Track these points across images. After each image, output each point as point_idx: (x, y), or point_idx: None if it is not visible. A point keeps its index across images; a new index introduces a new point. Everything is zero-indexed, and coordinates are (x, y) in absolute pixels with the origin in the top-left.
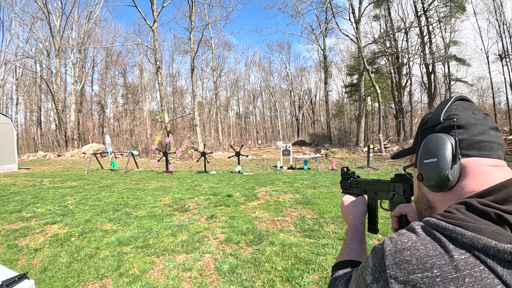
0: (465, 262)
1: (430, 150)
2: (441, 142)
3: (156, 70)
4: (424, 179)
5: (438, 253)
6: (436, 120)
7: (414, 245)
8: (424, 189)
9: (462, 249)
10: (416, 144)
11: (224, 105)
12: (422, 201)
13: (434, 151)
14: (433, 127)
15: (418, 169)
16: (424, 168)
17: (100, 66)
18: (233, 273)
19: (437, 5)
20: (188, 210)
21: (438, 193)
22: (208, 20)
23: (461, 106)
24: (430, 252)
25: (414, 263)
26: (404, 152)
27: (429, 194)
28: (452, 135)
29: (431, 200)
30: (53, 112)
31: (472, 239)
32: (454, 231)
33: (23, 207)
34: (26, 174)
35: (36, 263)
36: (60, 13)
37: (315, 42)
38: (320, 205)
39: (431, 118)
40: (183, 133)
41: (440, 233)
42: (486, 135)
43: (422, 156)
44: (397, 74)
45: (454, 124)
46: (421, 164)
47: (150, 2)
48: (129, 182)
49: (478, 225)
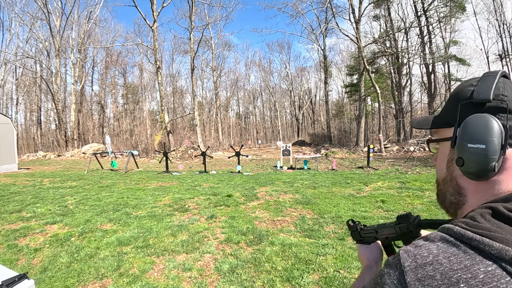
0: (492, 274)
1: (477, 133)
2: (491, 127)
3: (156, 70)
4: (465, 165)
5: (463, 266)
6: (484, 98)
7: (436, 259)
8: (456, 172)
9: (489, 260)
10: (451, 118)
11: (224, 105)
12: (451, 185)
13: (483, 136)
14: (479, 104)
15: (458, 151)
16: (468, 154)
17: (100, 66)
18: (233, 273)
19: (437, 5)
20: (188, 210)
21: (473, 181)
22: (208, 20)
23: (508, 86)
24: (454, 265)
25: (439, 278)
26: (436, 121)
27: (461, 179)
28: (501, 120)
29: (462, 186)
30: (53, 112)
31: (500, 251)
32: (481, 242)
33: (23, 207)
34: (26, 174)
35: (36, 263)
36: (60, 13)
37: (315, 42)
38: (320, 205)
39: (477, 93)
40: (183, 133)
41: (466, 244)
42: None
43: (466, 138)
44: (397, 74)
45: (505, 106)
46: (464, 148)
47: (150, 2)
48: (129, 182)
49: (505, 235)
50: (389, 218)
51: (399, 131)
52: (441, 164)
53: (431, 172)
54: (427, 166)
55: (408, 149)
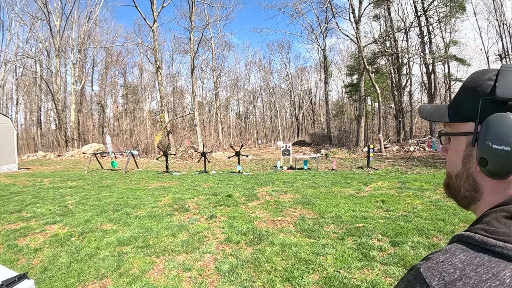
0: None
1: (503, 134)
2: None
3: (156, 70)
4: (488, 165)
5: (491, 275)
6: (509, 95)
7: (464, 273)
8: (473, 169)
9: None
10: (469, 113)
11: (224, 105)
12: (467, 181)
13: (509, 138)
14: (502, 103)
15: (481, 151)
16: (492, 155)
17: (100, 66)
18: (233, 273)
19: (437, 5)
20: (188, 210)
21: (491, 179)
22: (208, 20)
23: None
24: (483, 276)
25: None
26: (453, 115)
27: (479, 176)
28: None
29: (479, 183)
30: (53, 112)
31: None
32: (505, 248)
33: (23, 207)
34: (26, 174)
35: (36, 263)
36: (60, 13)
37: (315, 42)
38: (320, 205)
39: (502, 91)
40: (183, 133)
41: (489, 252)
42: None
43: (489, 138)
44: (397, 74)
45: None
46: (488, 148)
47: (150, 2)
48: (129, 182)
49: None
50: (389, 218)
51: (399, 131)
52: (456, 159)
53: (431, 172)
54: (427, 166)
55: (408, 149)
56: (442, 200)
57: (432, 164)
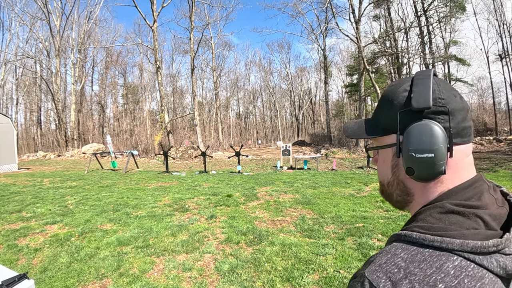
0: (460, 267)
1: (424, 143)
2: (436, 135)
3: (156, 70)
4: (415, 173)
5: (435, 268)
6: (425, 106)
7: (408, 271)
8: (402, 176)
9: (453, 256)
10: (389, 126)
11: (224, 105)
12: (398, 187)
13: (430, 145)
14: (419, 112)
15: (406, 161)
16: (417, 164)
17: (100, 66)
18: (233, 273)
19: (437, 5)
20: (188, 210)
21: (419, 182)
22: (208, 20)
23: (442, 87)
24: (427, 271)
25: (417, 287)
26: (373, 130)
27: (408, 182)
28: (441, 123)
29: (409, 187)
30: (53, 112)
31: (461, 245)
32: (443, 242)
33: (23, 207)
34: (26, 174)
35: (36, 263)
36: (60, 13)
37: (315, 42)
38: (320, 205)
39: (417, 101)
40: (183, 133)
41: (429, 247)
42: (467, 120)
43: (412, 149)
44: (397, 74)
45: (446, 111)
46: (412, 158)
47: (150, 2)
48: (129, 182)
49: (461, 230)
50: (389, 218)
51: None
52: (385, 169)
53: None
54: None
55: None
56: None
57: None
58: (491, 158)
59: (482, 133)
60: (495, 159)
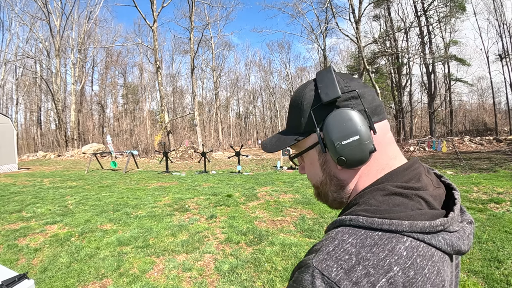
0: (411, 247)
1: (346, 128)
2: (354, 118)
3: (156, 70)
4: (348, 161)
5: (387, 252)
6: (335, 95)
7: (360, 256)
8: (333, 170)
9: (403, 237)
10: (306, 127)
11: (224, 105)
12: (332, 183)
13: (353, 128)
14: (330, 104)
15: (335, 153)
16: (346, 150)
17: (100, 66)
18: (233, 273)
19: (437, 5)
20: (188, 210)
21: (351, 170)
22: (208, 20)
23: (344, 77)
24: (380, 255)
25: (373, 272)
26: (292, 137)
27: (340, 173)
28: (355, 107)
29: (343, 179)
30: (53, 112)
31: (410, 226)
32: (392, 224)
33: (23, 207)
34: (26, 174)
35: (36, 263)
36: (60, 13)
37: (315, 42)
38: (320, 205)
39: (326, 94)
40: (183, 133)
41: (378, 230)
42: (376, 100)
43: (336, 137)
44: (397, 74)
45: (356, 95)
46: (340, 147)
47: (150, 2)
48: (129, 182)
49: (407, 212)
50: None
51: (399, 131)
52: (315, 170)
53: None
54: None
55: (408, 149)
56: None
57: (432, 164)
58: (491, 158)
59: (482, 133)
60: (495, 159)
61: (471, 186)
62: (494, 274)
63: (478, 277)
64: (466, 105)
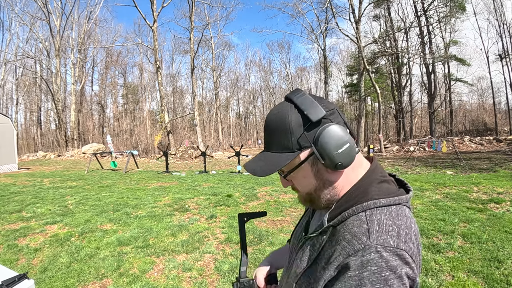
0: (408, 212)
1: (338, 140)
2: (341, 130)
3: (156, 70)
4: (344, 165)
5: (405, 217)
6: (321, 114)
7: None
8: (326, 176)
9: (403, 206)
10: (301, 145)
11: (224, 105)
12: (325, 186)
13: (344, 139)
14: (318, 122)
15: (332, 161)
16: (342, 157)
17: (100, 66)
18: (233, 273)
19: (437, 5)
20: (188, 210)
21: (340, 171)
22: (208, 20)
23: (317, 98)
24: (403, 219)
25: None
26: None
27: (332, 176)
28: (336, 120)
29: (334, 180)
30: (53, 112)
31: (406, 199)
32: (401, 200)
33: (23, 207)
34: (26, 174)
35: (36, 263)
36: (60, 13)
37: (315, 42)
38: None
39: (314, 114)
40: (183, 133)
41: (393, 205)
42: (337, 110)
43: (332, 148)
44: (397, 74)
45: (335, 111)
46: (338, 156)
47: (150, 2)
48: (129, 182)
49: (397, 192)
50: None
51: (399, 131)
52: (308, 180)
53: (431, 172)
54: (427, 166)
55: (408, 149)
56: (442, 200)
57: (432, 164)
58: (491, 158)
59: (482, 133)
60: (495, 159)
61: (471, 186)
62: (494, 274)
63: (478, 277)
64: (466, 105)
